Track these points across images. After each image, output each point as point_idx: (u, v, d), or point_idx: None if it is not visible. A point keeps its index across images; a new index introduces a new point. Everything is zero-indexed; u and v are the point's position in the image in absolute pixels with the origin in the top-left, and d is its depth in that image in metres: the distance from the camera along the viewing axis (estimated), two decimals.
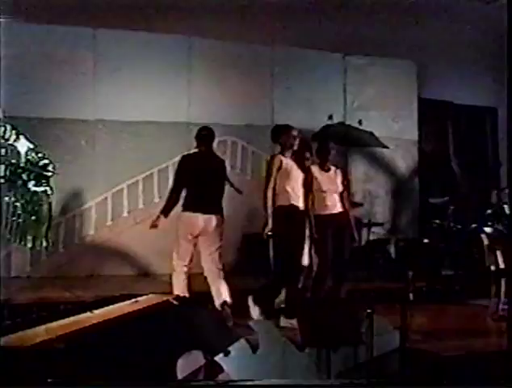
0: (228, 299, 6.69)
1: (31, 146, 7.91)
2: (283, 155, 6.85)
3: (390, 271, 8.54)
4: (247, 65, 10.02)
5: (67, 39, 9.20)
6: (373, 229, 10.03)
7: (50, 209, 8.04)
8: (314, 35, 10.24)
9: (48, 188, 7.98)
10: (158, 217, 6.91)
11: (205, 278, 6.92)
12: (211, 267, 6.89)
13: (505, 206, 8.84)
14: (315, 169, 7.04)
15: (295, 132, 6.96)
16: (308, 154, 7.40)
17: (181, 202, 6.83)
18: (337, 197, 7.05)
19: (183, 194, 6.85)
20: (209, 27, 9.80)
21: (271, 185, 6.71)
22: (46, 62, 8.97)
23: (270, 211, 6.66)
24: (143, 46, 9.54)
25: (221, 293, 6.73)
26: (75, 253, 9.21)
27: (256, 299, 6.70)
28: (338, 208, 7.03)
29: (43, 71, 8.90)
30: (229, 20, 9.88)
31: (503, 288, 7.23)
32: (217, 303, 6.67)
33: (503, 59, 12.06)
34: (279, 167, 6.75)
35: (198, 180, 6.81)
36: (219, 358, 4.07)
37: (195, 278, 7.07)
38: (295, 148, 6.92)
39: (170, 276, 6.99)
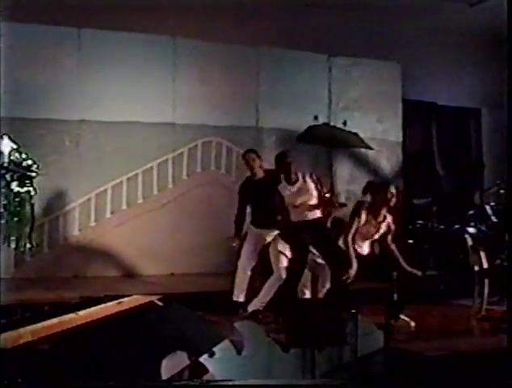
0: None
1: (15, 147, 7.88)
2: None
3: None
4: (232, 66, 10.01)
5: (51, 38, 9.16)
6: None
7: (33, 210, 8.00)
8: (299, 36, 10.26)
9: (31, 189, 7.95)
10: None
11: None
12: None
13: (487, 207, 8.90)
14: None
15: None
16: None
17: None
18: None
19: None
20: (194, 27, 9.80)
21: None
22: (30, 62, 8.92)
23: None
24: (127, 46, 9.51)
25: None
26: (59, 254, 9.16)
27: None
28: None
29: (26, 71, 8.85)
30: (214, 20, 9.88)
31: (486, 289, 7.27)
32: None
33: (487, 60, 12.21)
34: None
35: None
36: (203, 359, 4.07)
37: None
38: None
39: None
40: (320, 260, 7.26)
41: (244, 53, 10.16)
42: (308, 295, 7.25)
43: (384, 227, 6.91)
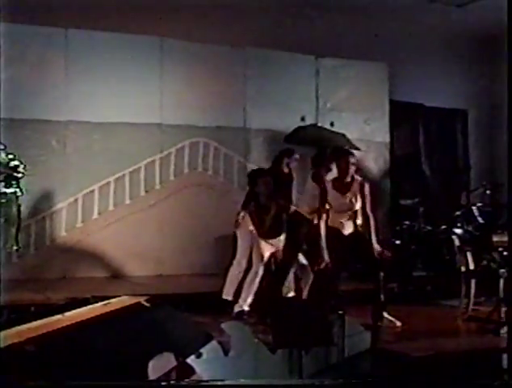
0: None
1: (1, 147, 7.85)
2: None
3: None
4: (219, 67, 10.01)
5: (38, 39, 9.13)
6: None
7: (19, 211, 7.97)
8: (287, 37, 10.27)
9: (17, 190, 7.92)
10: None
11: None
12: None
13: (474, 208, 8.93)
14: None
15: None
16: None
17: None
18: None
19: None
20: (181, 28, 9.79)
21: None
22: (17, 62, 8.88)
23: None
24: (115, 47, 9.49)
25: None
26: (46, 255, 9.13)
27: None
28: None
29: (14, 71, 8.81)
30: (202, 21, 9.88)
31: (473, 289, 7.30)
32: None
33: (474, 61, 12.23)
34: None
35: None
36: (191, 360, 4.07)
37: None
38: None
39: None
40: (304, 261, 7.28)
41: (231, 54, 10.16)
42: (292, 294, 7.28)
43: (358, 198, 6.93)
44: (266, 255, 7.21)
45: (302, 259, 7.27)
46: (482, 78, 11.98)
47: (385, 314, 6.75)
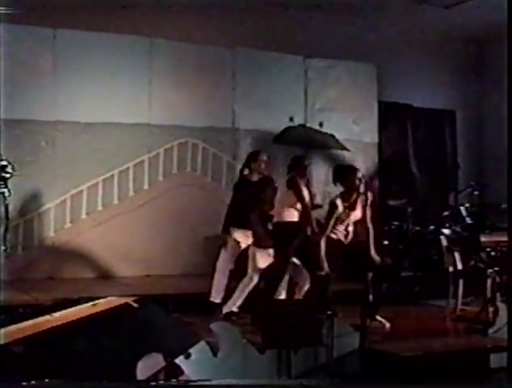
0: None
1: None
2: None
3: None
4: (208, 67, 10.00)
5: (27, 39, 9.09)
6: None
7: (7, 211, 7.93)
8: (275, 37, 10.28)
9: (5, 190, 7.88)
10: None
11: None
12: None
13: (462, 208, 8.96)
14: None
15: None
16: None
17: None
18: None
19: None
20: (170, 28, 9.78)
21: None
22: (5, 63, 8.83)
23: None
24: (103, 47, 9.47)
25: None
26: (34, 255, 9.10)
27: None
28: None
29: (2, 72, 8.77)
30: (190, 21, 9.88)
31: (461, 289, 7.33)
32: None
33: (462, 62, 12.26)
34: None
35: None
36: (179, 360, 4.06)
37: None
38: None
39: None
40: (297, 262, 7.29)
41: (220, 54, 10.16)
42: (283, 296, 7.28)
43: (359, 213, 6.96)
44: (262, 265, 7.21)
45: (298, 262, 7.28)
46: (470, 79, 12.03)
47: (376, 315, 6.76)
